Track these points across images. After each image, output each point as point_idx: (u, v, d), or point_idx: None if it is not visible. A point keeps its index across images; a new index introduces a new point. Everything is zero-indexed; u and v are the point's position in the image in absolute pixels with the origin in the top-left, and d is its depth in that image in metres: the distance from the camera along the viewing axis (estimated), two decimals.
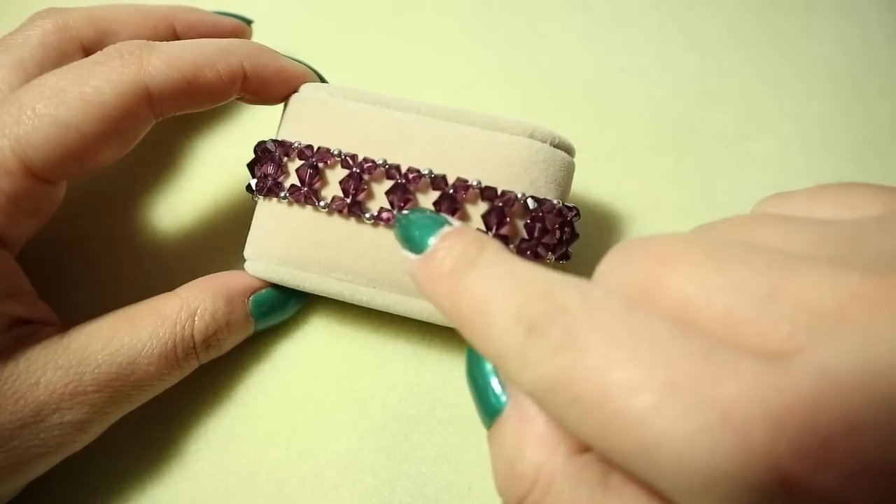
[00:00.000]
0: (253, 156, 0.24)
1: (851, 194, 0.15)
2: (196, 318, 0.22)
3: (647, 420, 0.11)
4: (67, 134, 0.20)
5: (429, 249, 0.17)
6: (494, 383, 0.18)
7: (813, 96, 0.30)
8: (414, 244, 0.17)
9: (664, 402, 0.11)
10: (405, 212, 0.19)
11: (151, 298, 0.22)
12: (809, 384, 0.11)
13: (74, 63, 0.21)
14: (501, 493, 0.16)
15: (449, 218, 0.18)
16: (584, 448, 0.16)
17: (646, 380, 0.12)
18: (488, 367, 0.18)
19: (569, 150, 0.23)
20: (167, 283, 0.23)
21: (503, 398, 0.17)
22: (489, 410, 0.18)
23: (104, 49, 0.21)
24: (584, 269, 0.26)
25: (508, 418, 0.17)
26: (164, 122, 0.23)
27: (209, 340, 0.22)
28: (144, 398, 0.22)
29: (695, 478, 0.11)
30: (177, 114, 0.22)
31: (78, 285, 0.26)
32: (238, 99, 0.24)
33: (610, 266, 0.15)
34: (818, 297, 0.12)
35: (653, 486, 0.12)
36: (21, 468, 0.20)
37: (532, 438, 0.16)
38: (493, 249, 0.16)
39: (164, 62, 0.21)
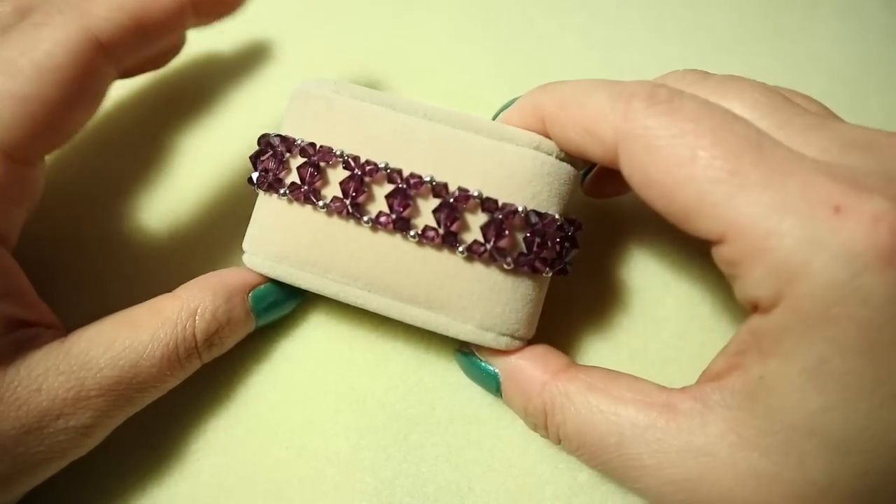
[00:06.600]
0: (256, 148, 0.23)
1: None
2: (197, 317, 0.22)
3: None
4: (32, 107, 0.19)
5: None
6: (482, 364, 0.22)
7: (811, 95, 0.30)
8: None
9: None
10: None
11: (151, 300, 0.22)
12: None
13: (15, 30, 0.20)
14: (535, 429, 0.22)
15: None
16: (561, 368, 0.21)
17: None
18: (473, 358, 0.23)
19: (574, 163, 0.22)
20: (167, 282, 0.23)
21: (492, 368, 0.22)
22: (491, 383, 0.22)
23: (41, 7, 0.21)
24: (584, 274, 0.26)
25: (505, 379, 0.22)
26: (162, 121, 0.22)
27: (211, 339, 0.22)
28: (148, 400, 0.22)
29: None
30: (137, 61, 0.21)
31: (77, 286, 0.26)
32: (195, 26, 0.23)
33: None
34: None
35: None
36: (28, 474, 0.20)
37: (526, 381, 0.21)
38: None
39: (105, 6, 0.20)
